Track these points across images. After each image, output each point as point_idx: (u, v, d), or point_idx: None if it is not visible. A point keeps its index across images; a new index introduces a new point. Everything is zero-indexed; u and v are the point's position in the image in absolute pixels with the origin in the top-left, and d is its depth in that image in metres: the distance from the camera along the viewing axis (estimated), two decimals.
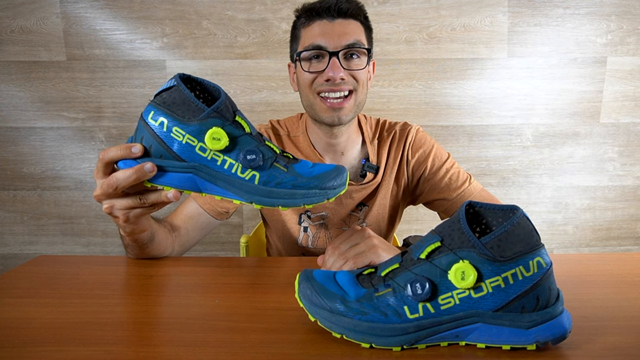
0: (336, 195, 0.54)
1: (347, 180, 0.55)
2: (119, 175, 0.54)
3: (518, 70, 1.66)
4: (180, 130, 0.52)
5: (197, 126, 0.51)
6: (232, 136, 0.52)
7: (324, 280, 0.48)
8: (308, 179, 0.53)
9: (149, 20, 1.61)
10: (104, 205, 0.59)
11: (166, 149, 0.53)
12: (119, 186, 0.54)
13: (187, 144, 0.52)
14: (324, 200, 0.54)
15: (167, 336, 0.48)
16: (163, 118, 0.52)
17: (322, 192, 0.53)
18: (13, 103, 1.67)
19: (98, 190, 0.57)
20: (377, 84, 1.66)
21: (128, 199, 0.58)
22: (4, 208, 1.75)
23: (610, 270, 0.67)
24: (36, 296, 0.59)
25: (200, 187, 0.54)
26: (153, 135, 0.53)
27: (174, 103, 0.52)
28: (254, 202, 0.53)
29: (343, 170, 0.56)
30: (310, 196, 0.53)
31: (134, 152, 0.53)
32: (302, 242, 0.98)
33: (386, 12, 1.62)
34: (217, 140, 0.51)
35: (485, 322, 0.43)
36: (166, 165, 0.53)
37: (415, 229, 1.75)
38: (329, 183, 0.54)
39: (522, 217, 0.42)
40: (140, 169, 0.53)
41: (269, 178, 0.53)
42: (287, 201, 0.53)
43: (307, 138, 0.95)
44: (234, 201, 0.54)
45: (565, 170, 1.74)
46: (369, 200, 0.97)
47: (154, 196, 0.58)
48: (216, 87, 0.55)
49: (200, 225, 0.90)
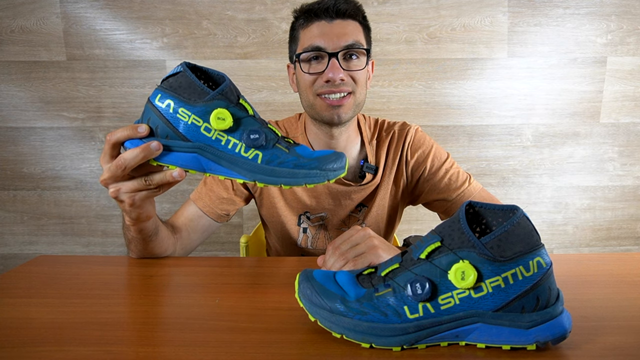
0: (336, 177, 0.55)
1: (346, 165, 0.56)
2: (127, 155, 0.55)
3: (518, 70, 1.66)
4: (186, 110, 0.53)
5: (202, 107, 0.53)
6: (236, 117, 0.54)
7: (324, 280, 0.48)
8: (309, 160, 0.55)
9: (149, 20, 1.61)
10: (110, 189, 0.59)
11: (172, 130, 0.54)
12: (127, 166, 0.55)
13: (192, 124, 0.53)
14: (325, 180, 0.55)
15: (167, 336, 0.48)
16: (170, 100, 0.54)
17: (322, 172, 0.54)
18: (13, 103, 1.67)
19: (106, 174, 0.58)
20: (377, 84, 1.66)
21: (134, 182, 0.59)
22: (4, 208, 1.75)
23: (610, 270, 0.67)
24: (36, 296, 0.59)
25: (205, 167, 0.55)
26: (159, 117, 0.54)
27: (180, 87, 0.54)
28: (257, 180, 0.54)
29: (342, 155, 0.57)
30: (312, 176, 0.54)
31: (140, 131, 0.55)
32: (302, 243, 0.98)
33: (386, 12, 1.62)
34: (221, 120, 0.53)
35: (485, 322, 0.43)
36: (172, 145, 0.55)
37: (415, 229, 1.75)
38: (329, 165, 0.55)
39: (522, 217, 0.42)
40: (147, 147, 0.54)
41: (271, 157, 0.54)
42: (289, 180, 0.54)
43: (306, 139, 0.95)
44: (237, 180, 0.55)
45: (565, 170, 1.74)
46: (368, 201, 0.96)
47: (159, 176, 0.59)
48: (221, 75, 0.57)
49: (201, 227, 0.90)
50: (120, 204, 0.62)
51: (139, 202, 0.62)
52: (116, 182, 0.59)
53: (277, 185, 0.54)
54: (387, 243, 0.68)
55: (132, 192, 0.60)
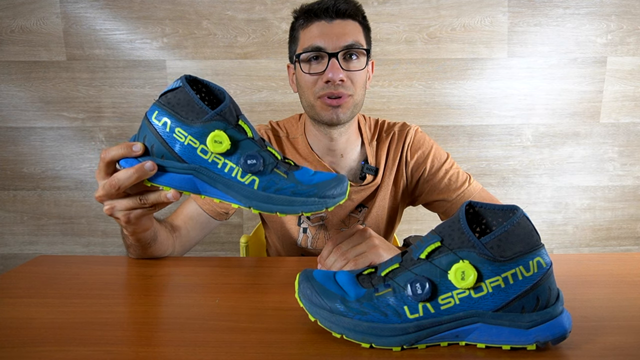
0: (335, 204, 0.54)
1: (347, 190, 0.55)
2: (121, 175, 0.55)
3: (518, 70, 1.66)
4: (182, 131, 0.52)
5: (199, 128, 0.51)
6: (234, 140, 0.52)
7: (324, 280, 0.48)
8: (308, 187, 0.53)
9: (149, 20, 1.61)
10: (105, 206, 0.59)
11: (168, 150, 0.53)
12: (121, 186, 0.55)
13: (188, 146, 0.52)
14: (323, 209, 0.53)
15: (167, 336, 0.48)
16: (166, 118, 0.52)
17: (321, 200, 0.53)
18: (13, 103, 1.67)
19: (100, 191, 0.58)
20: (377, 84, 1.66)
21: (129, 200, 0.58)
22: (4, 208, 1.75)
23: (610, 270, 0.67)
24: (36, 296, 0.59)
25: (200, 189, 0.54)
26: (156, 135, 0.53)
27: (178, 104, 0.52)
28: (252, 206, 0.53)
29: (343, 179, 0.55)
30: (309, 204, 0.53)
31: (135, 150, 0.54)
32: (302, 243, 0.98)
33: (386, 12, 1.62)
34: (218, 143, 0.51)
35: (485, 322, 0.43)
36: (167, 165, 0.54)
37: (415, 229, 1.75)
38: (329, 192, 0.53)
39: (522, 217, 0.42)
40: (141, 168, 0.53)
41: (268, 184, 0.53)
42: (285, 208, 0.53)
43: (306, 140, 0.95)
44: (232, 205, 0.54)
45: (565, 170, 1.74)
46: (368, 201, 0.96)
47: (153, 196, 0.58)
48: (221, 90, 0.55)
49: (200, 225, 0.90)
50: (116, 220, 0.62)
51: (134, 220, 0.61)
52: (111, 200, 0.58)
53: (273, 213, 0.53)
54: (387, 243, 0.68)
55: (127, 210, 0.59)
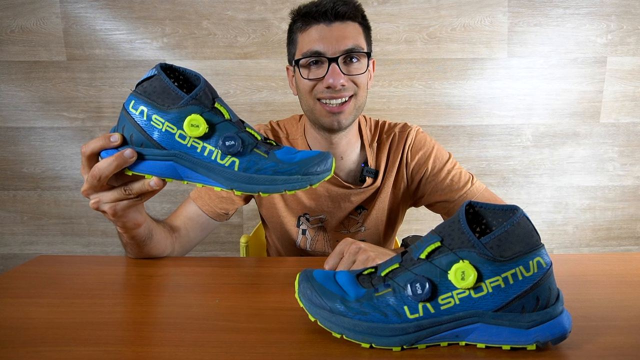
0: (320, 181, 0.54)
1: (332, 166, 0.54)
2: (101, 164, 0.55)
3: (518, 70, 1.66)
4: (159, 118, 0.52)
5: (176, 114, 0.52)
6: (211, 123, 0.53)
7: (324, 280, 0.48)
8: (290, 165, 0.53)
9: (149, 20, 1.61)
10: (91, 200, 0.59)
11: (147, 138, 0.53)
12: (102, 175, 0.55)
13: (166, 132, 0.52)
14: (307, 186, 0.53)
15: (167, 336, 0.48)
16: (143, 107, 0.53)
17: (304, 177, 0.53)
18: (13, 103, 1.67)
19: (85, 185, 0.58)
20: (377, 84, 1.66)
21: (114, 192, 0.59)
22: (4, 208, 1.75)
23: (610, 270, 0.67)
24: (36, 296, 0.59)
25: (182, 175, 0.55)
26: (134, 124, 0.53)
27: (154, 92, 0.52)
28: (234, 188, 0.53)
29: (328, 155, 0.55)
30: (292, 182, 0.53)
31: (113, 140, 0.54)
32: (301, 245, 0.98)
33: (386, 12, 1.62)
34: (195, 127, 0.51)
35: (485, 322, 0.43)
36: (147, 153, 0.54)
37: (415, 229, 1.75)
38: (312, 169, 0.53)
39: (522, 217, 0.42)
40: (120, 156, 0.54)
41: (249, 164, 0.53)
42: (267, 187, 0.53)
43: (305, 141, 0.95)
44: (215, 188, 0.54)
45: (565, 170, 1.74)
46: (368, 203, 0.96)
47: (137, 185, 0.58)
48: (197, 75, 0.55)
49: (200, 226, 0.90)
50: (104, 214, 0.62)
51: (121, 212, 0.61)
52: (96, 193, 0.59)
53: (256, 193, 0.53)
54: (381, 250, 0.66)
55: (113, 202, 0.59)
